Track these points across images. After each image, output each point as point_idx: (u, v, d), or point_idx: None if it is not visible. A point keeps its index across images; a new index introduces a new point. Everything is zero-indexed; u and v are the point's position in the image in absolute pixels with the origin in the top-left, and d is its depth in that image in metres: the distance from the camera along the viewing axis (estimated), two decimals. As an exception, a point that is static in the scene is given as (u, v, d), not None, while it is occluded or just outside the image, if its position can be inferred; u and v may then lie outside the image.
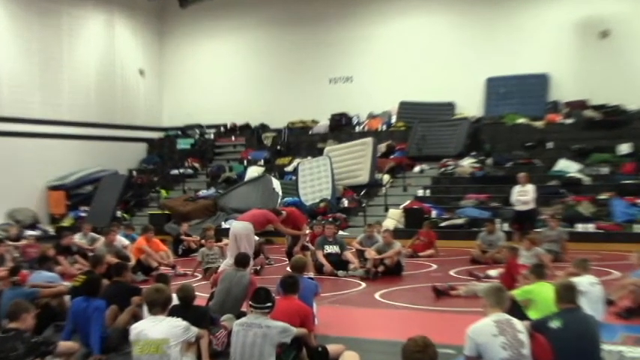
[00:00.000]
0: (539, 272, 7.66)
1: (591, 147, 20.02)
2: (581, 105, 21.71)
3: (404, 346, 4.55)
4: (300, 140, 25.21)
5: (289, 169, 23.62)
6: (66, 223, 22.57)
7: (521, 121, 21.89)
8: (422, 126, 22.82)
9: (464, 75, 23.15)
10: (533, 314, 7.07)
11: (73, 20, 24.92)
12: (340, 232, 17.97)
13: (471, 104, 23.10)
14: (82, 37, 25.24)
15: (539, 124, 21.58)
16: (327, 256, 13.26)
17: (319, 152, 23.26)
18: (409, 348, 4.49)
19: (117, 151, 26.12)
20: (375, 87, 24.63)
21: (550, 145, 20.96)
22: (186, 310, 6.89)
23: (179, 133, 27.84)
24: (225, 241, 14.22)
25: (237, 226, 12.23)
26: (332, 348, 6.85)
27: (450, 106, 23.51)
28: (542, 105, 22.18)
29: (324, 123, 25.27)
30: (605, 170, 19.19)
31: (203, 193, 23.16)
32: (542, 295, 7.19)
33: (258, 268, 13.35)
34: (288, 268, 8.47)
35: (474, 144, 22.01)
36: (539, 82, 22.36)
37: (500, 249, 13.70)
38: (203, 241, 14.62)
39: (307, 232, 13.39)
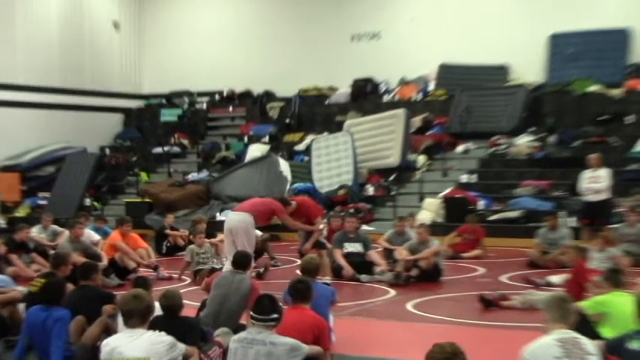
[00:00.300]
0: (614, 279, 7.61)
1: (684, 122, 19.92)
2: (670, 68, 21.53)
3: (428, 353, 4.62)
4: (315, 112, 25.22)
5: (300, 147, 23.66)
6: (21, 212, 22.71)
7: (593, 88, 21.72)
8: (467, 95, 22.74)
9: (521, 31, 22.99)
10: (607, 332, 7.03)
11: (31, -40, 24.97)
12: (364, 227, 17.92)
13: (529, 67, 22.94)
14: (42, -20, 25.31)
15: (616, 92, 21.39)
16: (347, 256, 13.27)
17: (338, 127, 23.26)
18: (434, 355, 4.57)
19: (85, 123, 26.20)
20: (409, 45, 24.54)
21: (630, 119, 20.79)
22: (172, 322, 6.89)
23: (163, 101, 27.91)
24: (219, 236, 14.26)
25: (233, 218, 12.25)
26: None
27: (502, 70, 23.39)
28: (621, 68, 21.98)
29: (344, 90, 25.26)
30: (700, 151, 19.08)
31: (193, 176, 23.23)
32: (618, 307, 7.14)
33: (262, 270, 13.38)
34: (299, 271, 8.47)
35: (532, 117, 21.90)
36: (617, 40, 22.13)
37: (564, 249, 13.59)
38: (192, 236, 14.64)
39: (322, 226, 13.35)
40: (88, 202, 23.03)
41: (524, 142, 21.09)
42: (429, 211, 18.96)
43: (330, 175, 21.24)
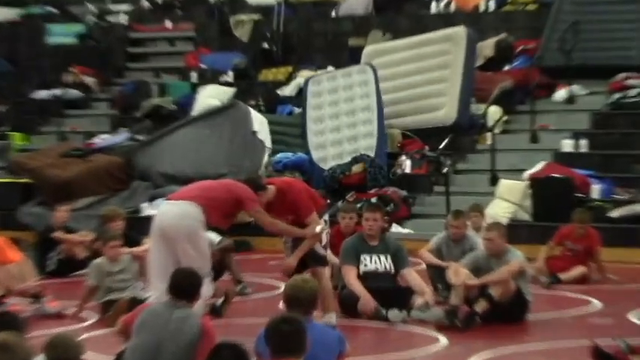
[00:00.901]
0: None
1: None
2: None
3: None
4: (312, 31, 25.41)
5: (288, 92, 23.76)
6: None
7: None
8: (572, 3, 22.73)
9: None
10: None
11: None
12: (395, 229, 17.89)
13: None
14: None
15: None
16: (366, 278, 13.22)
17: (353, 58, 23.32)
18: None
19: None
20: None
21: None
22: (63, 389, 6.87)
23: (52, 11, 27.80)
24: (147, 244, 14.20)
25: (169, 212, 12.09)
26: None
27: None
28: None
29: (361, -6, 25.33)
30: None
31: (103, 140, 23.30)
32: None
33: (220, 302, 13.31)
34: (283, 303, 8.43)
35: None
36: None
37: None
38: (101, 243, 14.57)
39: (321, 228, 13.23)
40: None
41: (670, 84, 21.12)
42: (507, 201, 18.92)
43: (337, 138, 21.25)
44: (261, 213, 12.21)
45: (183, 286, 8.69)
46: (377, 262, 13.34)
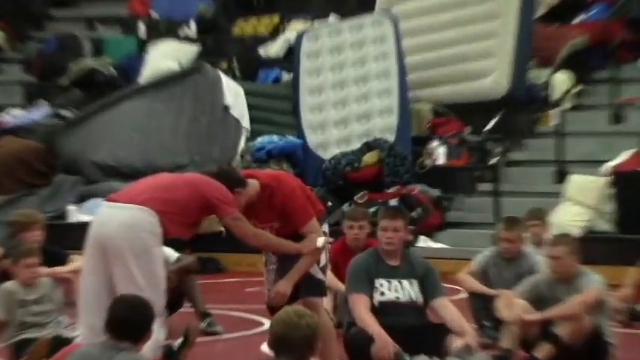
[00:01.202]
0: None
1: None
2: None
3: None
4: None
5: (273, 51, 23.90)
6: None
7: None
8: None
9: None
10: None
11: None
12: (424, 243, 17.89)
13: None
14: None
15: None
16: (384, 311, 13.13)
17: (364, 4, 23.52)
18: None
19: None
20: None
21: None
22: None
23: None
24: (77, 262, 14.11)
25: (109, 218, 11.98)
26: None
27: None
28: None
29: None
30: None
31: (14, 117, 23.45)
32: None
33: (177, 344, 13.22)
34: (265, 346, 8.33)
35: None
36: None
37: None
38: (12, 262, 14.50)
39: (322, 241, 13.11)
40: None
41: None
42: (580, 204, 18.93)
43: (343, 116, 21.35)
44: (241, 220, 11.92)
45: (127, 320, 8.56)
46: (398, 290, 13.23)
